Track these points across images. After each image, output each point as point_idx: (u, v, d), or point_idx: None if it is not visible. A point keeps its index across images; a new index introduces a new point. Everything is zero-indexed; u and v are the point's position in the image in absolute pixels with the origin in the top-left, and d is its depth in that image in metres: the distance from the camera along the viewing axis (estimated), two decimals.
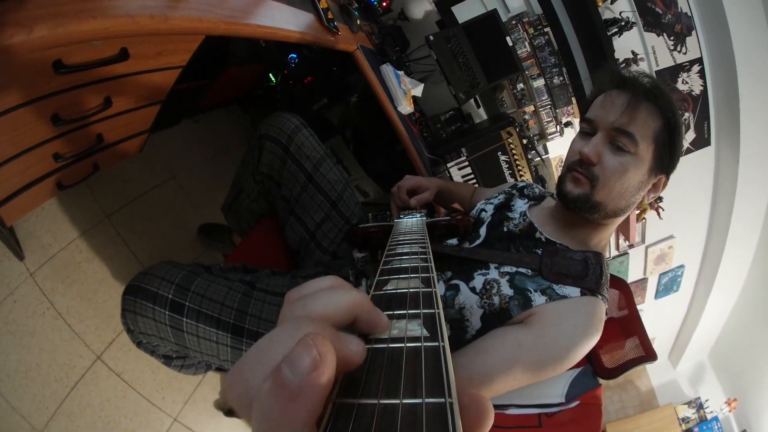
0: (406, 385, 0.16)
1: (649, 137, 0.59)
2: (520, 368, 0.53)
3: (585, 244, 0.66)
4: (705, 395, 3.16)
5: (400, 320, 0.22)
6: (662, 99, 0.59)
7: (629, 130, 0.58)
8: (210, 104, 1.67)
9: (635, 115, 0.58)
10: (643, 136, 0.58)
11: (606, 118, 0.60)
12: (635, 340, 0.88)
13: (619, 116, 0.58)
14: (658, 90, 0.60)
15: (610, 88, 0.63)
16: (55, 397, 0.89)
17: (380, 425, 0.14)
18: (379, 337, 0.20)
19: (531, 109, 2.03)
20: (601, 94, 0.64)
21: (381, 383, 0.17)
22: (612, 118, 0.59)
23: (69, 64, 0.49)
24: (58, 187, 0.82)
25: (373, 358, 0.19)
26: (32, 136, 0.61)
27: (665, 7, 1.84)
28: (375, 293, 0.27)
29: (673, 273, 2.64)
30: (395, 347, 0.19)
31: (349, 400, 0.16)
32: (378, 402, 0.15)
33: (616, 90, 0.61)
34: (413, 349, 0.19)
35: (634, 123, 0.58)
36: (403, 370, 0.17)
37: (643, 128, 0.58)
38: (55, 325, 0.94)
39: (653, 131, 0.59)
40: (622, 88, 0.61)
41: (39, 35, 0.35)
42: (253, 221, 0.99)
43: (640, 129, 0.58)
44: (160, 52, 0.65)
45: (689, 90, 1.99)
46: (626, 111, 0.58)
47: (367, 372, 0.18)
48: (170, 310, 0.62)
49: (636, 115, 0.58)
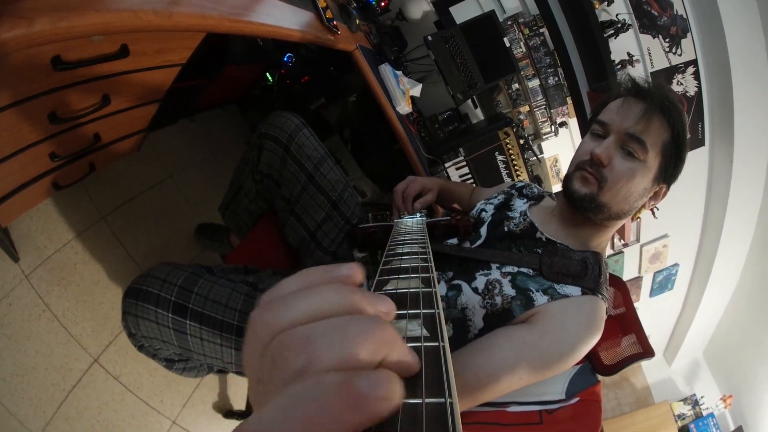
0: (406, 384, 0.16)
1: (658, 147, 0.61)
2: (526, 366, 0.54)
3: (585, 244, 0.66)
4: (700, 392, 3.20)
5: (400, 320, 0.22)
6: (674, 113, 0.61)
7: (642, 137, 0.60)
8: (207, 104, 1.66)
9: (649, 124, 0.60)
10: (653, 145, 0.60)
11: (621, 123, 0.62)
12: (632, 338, 0.89)
13: (635, 123, 0.60)
14: (671, 104, 0.62)
15: (627, 94, 0.64)
16: (52, 401, 0.87)
17: (380, 425, 0.14)
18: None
19: (526, 109, 2.05)
20: (616, 99, 0.65)
21: None
22: (627, 124, 0.61)
23: (68, 60, 0.48)
24: (54, 187, 0.80)
25: None
26: (28, 134, 0.60)
27: (661, 10, 1.87)
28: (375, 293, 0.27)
29: (667, 271, 2.68)
30: None
31: None
32: None
33: (633, 98, 0.63)
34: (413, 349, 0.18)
35: (647, 132, 0.60)
36: None
37: (654, 138, 0.60)
38: (51, 328, 0.92)
39: (662, 142, 0.61)
40: (639, 97, 0.63)
41: (40, 28, 0.34)
42: (251, 221, 0.98)
43: (652, 138, 0.60)
44: (160, 49, 0.64)
45: (684, 91, 2.03)
46: (642, 119, 0.60)
47: None
48: (173, 313, 0.61)
49: (650, 125, 0.60)
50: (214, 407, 1.28)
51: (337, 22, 1.00)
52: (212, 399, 1.28)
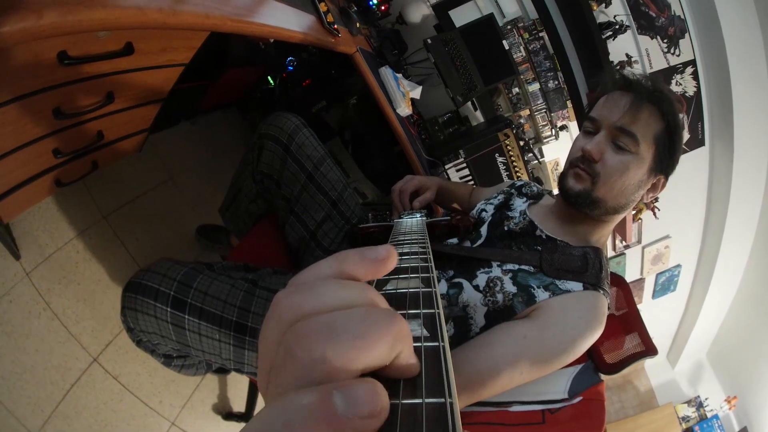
0: (406, 385, 0.16)
1: (650, 138, 0.60)
2: (527, 361, 0.54)
3: (585, 240, 0.67)
4: (704, 394, 3.18)
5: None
6: (664, 102, 0.61)
7: (631, 129, 0.60)
8: (208, 106, 1.67)
9: (637, 115, 0.60)
10: (644, 137, 0.60)
11: (609, 117, 0.62)
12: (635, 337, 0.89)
13: (622, 116, 0.60)
14: (660, 93, 0.61)
15: (614, 89, 0.64)
16: (50, 400, 0.87)
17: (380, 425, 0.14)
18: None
19: (526, 112, 2.06)
20: (605, 95, 0.65)
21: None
22: (615, 117, 0.61)
23: (74, 55, 0.49)
24: (56, 184, 0.81)
25: None
26: (33, 129, 0.60)
27: (659, 11, 1.88)
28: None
29: (669, 273, 2.67)
30: None
31: None
32: None
33: (619, 91, 0.63)
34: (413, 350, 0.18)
35: (636, 123, 0.60)
36: None
37: (644, 129, 0.60)
38: (51, 327, 0.92)
39: (654, 133, 0.60)
40: (625, 90, 0.63)
41: (48, 21, 0.34)
42: (251, 222, 0.99)
43: (642, 129, 0.60)
44: (164, 48, 0.65)
45: (683, 91, 2.04)
46: (629, 111, 0.60)
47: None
48: (172, 307, 0.61)
49: (638, 116, 0.60)
50: (214, 409, 1.27)
51: (338, 25, 1.01)
52: (212, 400, 1.27)
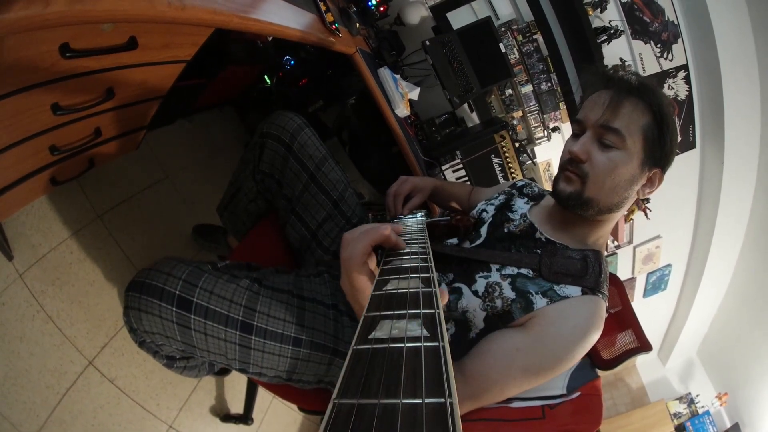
0: (406, 385, 0.16)
1: (636, 132, 0.59)
2: (519, 372, 0.55)
3: (583, 242, 0.66)
4: (696, 390, 3.24)
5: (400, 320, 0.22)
6: (647, 94, 0.60)
7: (614, 125, 0.59)
8: (205, 104, 1.65)
9: (618, 110, 0.59)
10: (629, 131, 0.59)
11: (591, 116, 0.62)
12: (630, 333, 0.91)
13: (602, 113, 0.60)
14: (642, 86, 0.61)
15: (597, 88, 0.64)
16: (46, 405, 0.84)
17: (380, 425, 0.14)
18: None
19: (519, 114, 2.08)
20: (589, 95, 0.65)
21: (381, 383, 0.17)
22: (597, 116, 0.61)
23: (76, 48, 0.48)
24: (51, 182, 0.79)
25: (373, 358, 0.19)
26: (30, 124, 0.59)
27: (653, 16, 1.92)
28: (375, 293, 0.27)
29: (660, 272, 2.72)
30: (395, 347, 0.19)
31: (349, 400, 0.16)
32: (378, 402, 0.15)
33: (602, 90, 0.63)
34: (413, 349, 0.19)
35: (618, 119, 0.59)
36: (403, 370, 0.17)
37: (628, 123, 0.59)
38: (45, 329, 0.90)
39: (641, 126, 0.59)
40: (607, 87, 0.63)
41: (55, 9, 0.34)
42: (250, 222, 0.97)
43: (625, 124, 0.59)
44: (167, 43, 0.64)
45: (675, 95, 2.08)
46: (609, 108, 0.59)
47: (367, 372, 0.17)
48: (177, 307, 0.60)
49: (619, 111, 0.59)
50: (212, 411, 1.25)
51: (338, 25, 1.01)
52: (209, 402, 1.25)
